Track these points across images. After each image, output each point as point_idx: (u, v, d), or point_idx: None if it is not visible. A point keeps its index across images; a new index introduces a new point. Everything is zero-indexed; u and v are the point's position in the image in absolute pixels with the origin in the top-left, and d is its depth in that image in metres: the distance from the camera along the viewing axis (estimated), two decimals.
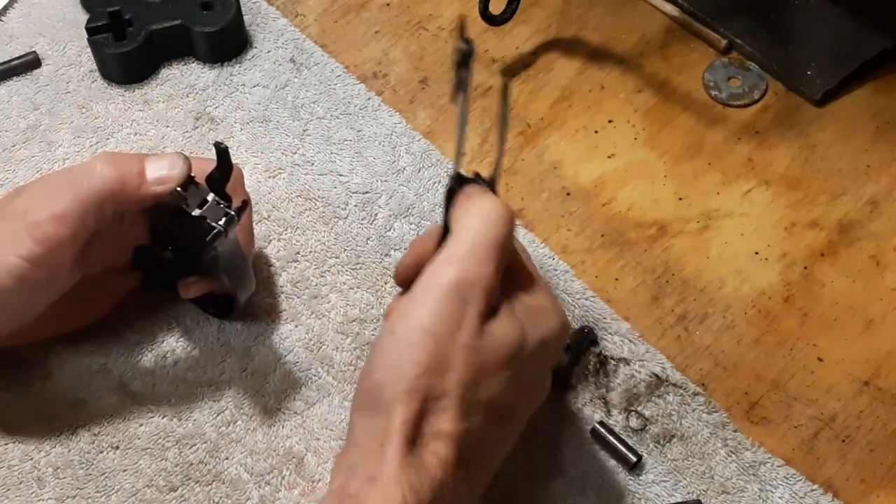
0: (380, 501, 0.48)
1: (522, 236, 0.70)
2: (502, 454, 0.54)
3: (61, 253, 0.56)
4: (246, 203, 0.59)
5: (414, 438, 0.49)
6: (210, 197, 0.57)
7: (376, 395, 0.50)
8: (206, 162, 0.58)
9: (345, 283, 0.68)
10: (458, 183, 0.54)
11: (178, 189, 0.57)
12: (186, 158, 0.57)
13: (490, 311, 0.51)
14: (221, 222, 0.57)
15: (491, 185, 0.55)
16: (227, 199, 0.57)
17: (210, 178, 0.57)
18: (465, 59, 0.52)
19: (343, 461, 0.51)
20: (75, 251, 0.57)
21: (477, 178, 0.55)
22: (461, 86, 0.53)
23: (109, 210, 0.57)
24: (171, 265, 0.63)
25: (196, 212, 0.57)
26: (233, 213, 0.57)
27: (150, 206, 0.58)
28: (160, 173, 0.57)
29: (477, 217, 0.52)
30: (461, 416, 0.50)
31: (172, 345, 0.65)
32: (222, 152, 0.56)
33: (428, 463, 0.49)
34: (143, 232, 0.62)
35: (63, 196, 0.56)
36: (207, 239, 0.57)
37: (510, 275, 0.54)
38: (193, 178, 0.57)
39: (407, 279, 0.53)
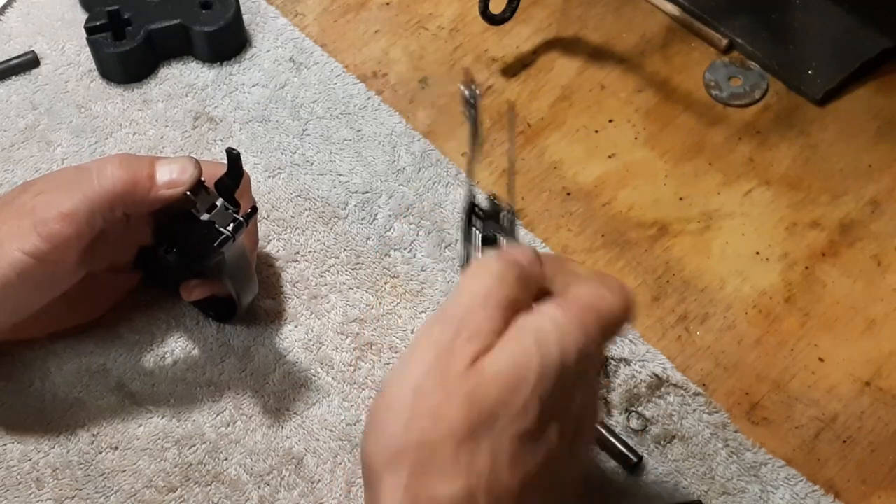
0: None
1: (522, 236, 0.70)
2: None
3: (66, 251, 0.56)
4: (254, 209, 0.58)
5: None
6: (219, 202, 0.57)
7: (368, 465, 0.47)
8: (215, 166, 0.58)
9: (344, 283, 0.68)
10: (473, 212, 0.54)
11: (188, 193, 0.56)
12: (197, 163, 0.57)
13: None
14: (230, 228, 0.56)
15: (511, 212, 0.55)
16: (236, 205, 0.57)
17: (220, 183, 0.57)
18: (470, 104, 0.53)
19: None
20: (80, 250, 0.57)
21: (494, 200, 0.55)
22: (472, 124, 0.54)
23: (118, 211, 0.57)
24: (175, 267, 0.62)
25: (205, 216, 0.57)
26: (241, 218, 0.57)
27: (157, 207, 0.58)
28: (171, 177, 0.57)
29: (473, 277, 0.48)
30: (455, 475, 0.44)
31: (172, 345, 0.65)
32: (234, 158, 0.56)
33: None
34: (148, 232, 0.62)
35: (72, 195, 0.56)
36: (215, 244, 0.56)
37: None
38: (203, 182, 0.57)
39: None
